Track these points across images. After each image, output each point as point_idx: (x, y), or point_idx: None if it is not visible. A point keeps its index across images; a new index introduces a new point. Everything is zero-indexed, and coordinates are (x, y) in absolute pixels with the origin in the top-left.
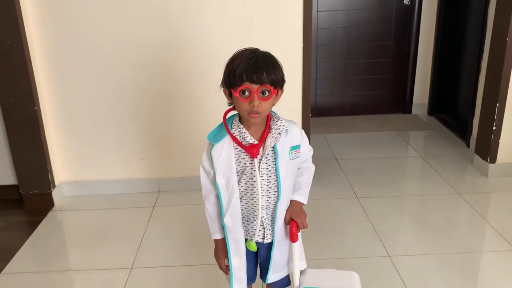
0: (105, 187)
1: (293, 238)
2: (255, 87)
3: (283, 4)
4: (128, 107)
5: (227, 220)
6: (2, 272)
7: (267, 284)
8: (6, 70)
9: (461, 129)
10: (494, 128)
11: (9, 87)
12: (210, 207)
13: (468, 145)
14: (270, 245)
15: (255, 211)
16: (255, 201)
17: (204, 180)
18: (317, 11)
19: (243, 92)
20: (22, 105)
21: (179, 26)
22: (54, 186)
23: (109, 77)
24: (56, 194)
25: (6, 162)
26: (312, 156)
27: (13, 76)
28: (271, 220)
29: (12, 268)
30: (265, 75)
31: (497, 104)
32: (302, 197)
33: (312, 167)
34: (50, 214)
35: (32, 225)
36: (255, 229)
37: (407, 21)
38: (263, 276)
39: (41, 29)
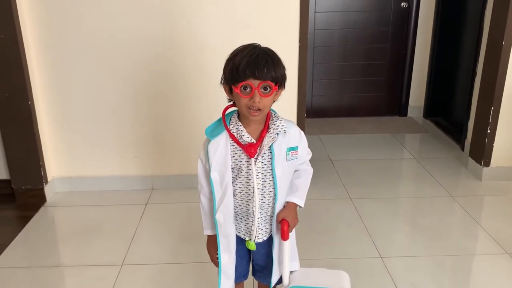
0: (98, 183)
1: (284, 236)
2: (256, 83)
3: (280, 3)
4: (122, 103)
5: (219, 216)
6: None
7: (259, 282)
8: None
9: (456, 132)
10: (489, 131)
11: (2, 81)
12: (204, 202)
13: (462, 149)
14: (264, 244)
15: (248, 210)
16: (250, 199)
17: (201, 173)
18: (315, 12)
19: (244, 88)
20: (16, 99)
21: (176, 23)
22: (46, 182)
23: (104, 73)
24: (48, 190)
25: None
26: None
27: (7, 70)
28: (264, 220)
29: (2, 263)
30: (266, 71)
31: (492, 108)
32: (299, 199)
33: (310, 170)
34: (42, 209)
35: (24, 220)
36: (249, 228)
37: (404, 24)
38: (256, 273)
39: (36, 23)
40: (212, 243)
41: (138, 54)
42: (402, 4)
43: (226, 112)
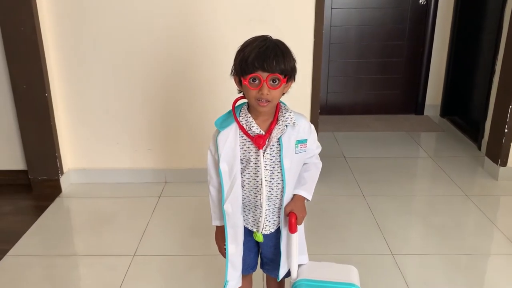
0: (112, 175)
1: (292, 229)
2: (264, 75)
3: None
4: (138, 97)
5: (227, 206)
6: (7, 254)
7: (268, 275)
8: (18, 56)
9: (473, 132)
10: (506, 131)
11: (20, 73)
12: (213, 192)
13: (479, 148)
14: (272, 236)
15: (256, 201)
16: (257, 191)
17: (210, 164)
18: (331, 8)
19: (253, 80)
20: (33, 91)
21: (190, 18)
22: (62, 173)
23: (119, 67)
24: (64, 181)
25: (16, 147)
26: (320, 153)
27: (25, 62)
28: (272, 212)
29: (18, 251)
30: (274, 64)
31: (510, 107)
32: (307, 192)
33: (319, 164)
34: (57, 200)
35: (39, 210)
36: (256, 219)
37: (422, 21)
38: (264, 266)
39: (55, 16)
40: (220, 233)
41: (154, 50)
42: (420, 1)
43: (236, 104)
